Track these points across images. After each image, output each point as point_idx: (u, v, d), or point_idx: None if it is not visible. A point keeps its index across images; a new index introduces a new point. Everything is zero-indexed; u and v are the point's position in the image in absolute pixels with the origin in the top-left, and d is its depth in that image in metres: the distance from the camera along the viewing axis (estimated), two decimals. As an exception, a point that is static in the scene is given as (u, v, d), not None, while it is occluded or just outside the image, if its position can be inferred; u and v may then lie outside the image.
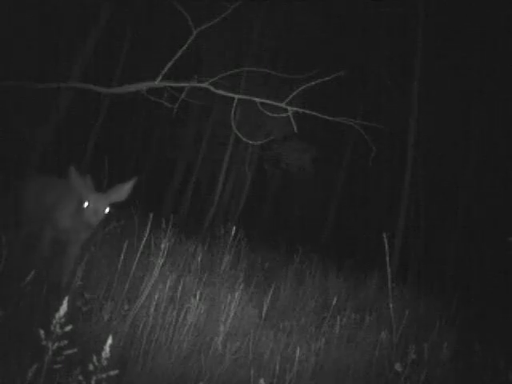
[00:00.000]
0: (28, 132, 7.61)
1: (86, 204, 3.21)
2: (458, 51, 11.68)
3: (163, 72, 4.45)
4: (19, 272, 2.43)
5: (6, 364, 2.15)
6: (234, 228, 5.16)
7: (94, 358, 1.23)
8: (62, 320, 1.27)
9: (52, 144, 7.74)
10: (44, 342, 1.27)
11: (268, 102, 4.77)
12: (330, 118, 4.81)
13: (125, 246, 3.31)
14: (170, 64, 4.47)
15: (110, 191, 3.34)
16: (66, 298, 1.35)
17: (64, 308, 1.28)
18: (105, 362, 1.22)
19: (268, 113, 4.86)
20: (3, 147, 6.97)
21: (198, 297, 3.15)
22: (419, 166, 12.32)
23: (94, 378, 1.22)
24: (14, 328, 2.37)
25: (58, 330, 1.26)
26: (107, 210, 3.27)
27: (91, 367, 1.23)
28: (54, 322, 1.28)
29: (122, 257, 3.29)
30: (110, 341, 1.24)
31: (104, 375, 1.23)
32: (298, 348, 2.88)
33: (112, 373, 1.24)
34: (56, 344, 1.26)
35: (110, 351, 1.23)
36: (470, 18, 11.04)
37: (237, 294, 3.39)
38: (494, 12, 10.73)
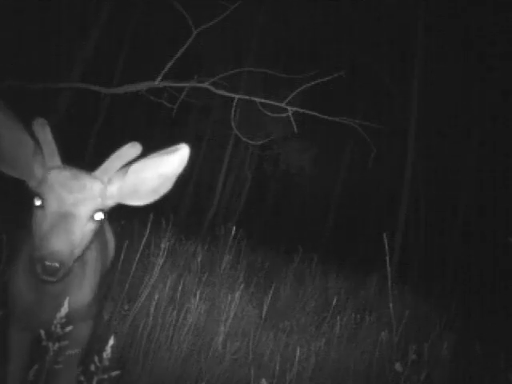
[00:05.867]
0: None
1: (37, 202, 1.35)
2: (458, 51, 11.67)
3: (163, 72, 4.45)
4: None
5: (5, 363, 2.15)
6: (234, 228, 5.17)
7: (96, 359, 1.23)
8: (63, 320, 1.27)
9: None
10: (45, 343, 1.27)
11: (268, 101, 4.78)
12: (330, 118, 4.81)
13: (125, 245, 3.31)
14: (170, 64, 4.47)
15: (109, 167, 1.44)
16: (67, 299, 1.35)
17: (65, 308, 1.28)
18: (106, 363, 1.22)
19: (268, 113, 4.86)
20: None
21: (197, 297, 3.15)
22: (419, 166, 12.32)
23: (96, 378, 1.23)
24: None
25: (58, 330, 1.26)
26: (100, 216, 1.40)
27: (93, 368, 1.23)
28: (55, 322, 1.28)
29: (122, 257, 3.29)
30: (111, 341, 1.24)
31: (105, 376, 1.23)
32: (298, 348, 2.88)
33: (114, 373, 1.24)
34: (57, 344, 1.27)
35: (111, 352, 1.23)
36: (470, 17, 11.04)
37: (237, 294, 3.39)
38: (495, 11, 10.73)
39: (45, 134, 1.39)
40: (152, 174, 1.46)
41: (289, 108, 4.58)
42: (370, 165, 5.58)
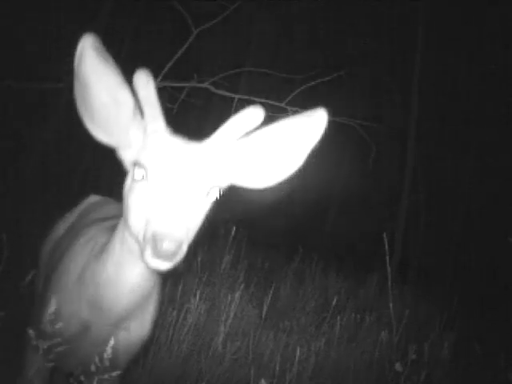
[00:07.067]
0: (28, 132, 7.60)
1: (137, 174, 1.10)
2: (458, 50, 11.66)
3: (163, 72, 4.45)
4: (19, 272, 2.43)
5: (6, 364, 2.15)
6: (234, 228, 5.16)
7: (97, 359, 1.23)
8: (52, 317, 1.25)
9: (52, 144, 7.73)
10: (35, 342, 1.25)
11: (268, 101, 4.77)
12: (330, 118, 4.81)
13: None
14: (170, 64, 4.47)
15: (224, 135, 1.18)
16: (54, 297, 1.33)
17: (53, 304, 1.26)
18: (107, 363, 1.22)
19: (268, 113, 4.86)
20: (2, 148, 6.96)
21: (198, 297, 3.15)
22: (419, 166, 12.31)
23: (96, 378, 1.23)
24: (14, 328, 2.36)
25: (48, 328, 1.25)
26: (215, 195, 1.15)
27: (93, 368, 1.23)
28: (44, 321, 1.27)
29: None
30: (112, 342, 1.24)
31: (106, 376, 1.23)
32: (298, 348, 2.88)
33: (114, 374, 1.24)
34: (48, 343, 1.25)
35: (112, 352, 1.23)
36: (471, 16, 11.04)
37: (237, 294, 3.39)
38: (495, 11, 10.72)
39: (148, 90, 1.11)
40: (278, 146, 1.15)
41: (289, 108, 4.58)
42: (370, 165, 5.58)
